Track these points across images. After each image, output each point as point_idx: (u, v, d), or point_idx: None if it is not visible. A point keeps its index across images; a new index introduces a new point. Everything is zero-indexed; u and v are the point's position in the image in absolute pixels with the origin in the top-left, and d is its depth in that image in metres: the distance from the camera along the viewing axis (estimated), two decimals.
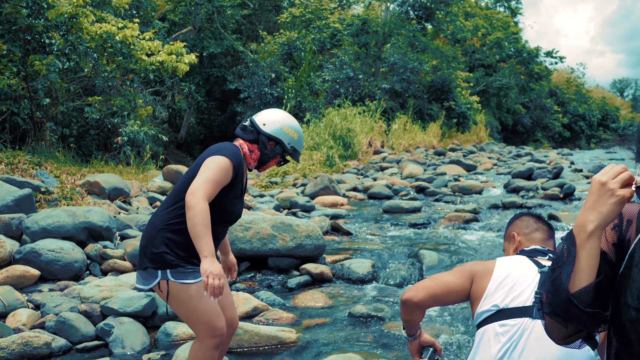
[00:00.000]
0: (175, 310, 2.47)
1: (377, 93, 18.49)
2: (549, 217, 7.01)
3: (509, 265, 1.99)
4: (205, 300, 2.37)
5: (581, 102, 40.43)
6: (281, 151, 2.66)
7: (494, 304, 1.87)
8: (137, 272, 2.48)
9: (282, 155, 2.70)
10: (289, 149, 2.65)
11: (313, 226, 5.19)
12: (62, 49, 8.98)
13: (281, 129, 2.62)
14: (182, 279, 2.37)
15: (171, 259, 2.36)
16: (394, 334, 3.64)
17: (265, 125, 2.61)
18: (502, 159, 16.96)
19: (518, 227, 2.27)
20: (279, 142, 2.63)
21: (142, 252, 2.44)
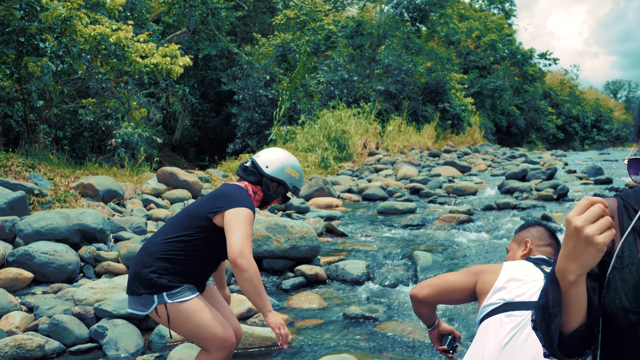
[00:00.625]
0: (180, 332, 2.50)
1: (371, 95, 18.53)
2: (543, 217, 7.05)
3: (517, 267, 2.10)
4: (207, 312, 2.43)
5: (575, 104, 40.67)
6: (284, 191, 2.76)
7: (501, 297, 1.96)
8: (130, 298, 2.51)
9: (284, 195, 2.80)
10: (291, 188, 2.76)
11: (307, 227, 5.19)
12: (55, 51, 8.96)
13: (284, 171, 2.71)
14: (180, 297, 2.41)
15: (166, 282, 2.41)
16: (388, 335, 3.65)
17: (268, 167, 2.70)
18: (497, 161, 17.02)
19: (533, 235, 2.36)
20: (282, 183, 2.73)
21: (134, 279, 2.46)
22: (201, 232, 2.50)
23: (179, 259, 2.45)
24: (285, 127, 16.05)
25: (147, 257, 2.48)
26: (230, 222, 2.42)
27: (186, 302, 2.42)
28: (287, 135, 15.57)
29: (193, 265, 2.51)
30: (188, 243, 2.49)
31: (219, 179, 11.21)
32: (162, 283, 2.40)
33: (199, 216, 2.51)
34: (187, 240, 2.48)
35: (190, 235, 2.49)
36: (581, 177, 11.36)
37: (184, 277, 2.47)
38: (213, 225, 2.50)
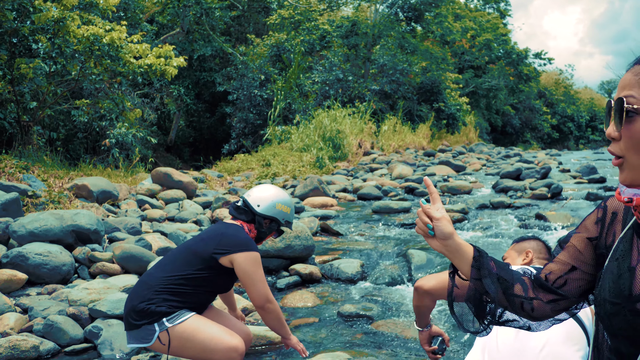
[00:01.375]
0: (186, 354, 2.53)
1: (366, 94, 18.55)
2: (537, 216, 7.08)
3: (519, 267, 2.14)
4: (210, 325, 2.53)
5: (570, 104, 40.79)
6: (277, 227, 2.88)
7: None
8: (129, 334, 2.56)
9: (278, 230, 2.93)
10: (284, 223, 2.88)
11: (302, 227, 5.20)
12: (48, 52, 8.93)
13: (275, 207, 2.82)
14: (179, 319, 2.50)
15: (165, 309, 2.49)
16: (383, 333, 3.66)
17: (259, 206, 2.80)
18: (491, 160, 17.07)
19: (534, 248, 2.48)
20: (274, 220, 2.84)
21: (132, 312, 2.52)
22: (204, 270, 2.61)
23: (181, 292, 2.55)
24: (280, 127, 16.05)
25: (145, 291, 2.54)
26: (247, 271, 2.60)
27: (186, 321, 2.50)
28: (282, 135, 15.57)
29: (194, 298, 2.60)
30: (191, 280, 2.58)
31: (214, 179, 11.21)
32: (161, 311, 2.48)
33: (203, 255, 2.62)
34: (191, 278, 2.58)
35: (193, 272, 2.59)
36: (575, 176, 11.41)
37: (184, 305, 2.55)
38: (218, 265, 2.62)
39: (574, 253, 1.24)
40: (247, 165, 13.06)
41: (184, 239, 5.53)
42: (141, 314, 2.48)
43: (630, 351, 1.06)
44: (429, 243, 1.31)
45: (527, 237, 2.55)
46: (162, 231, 5.92)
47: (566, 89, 42.15)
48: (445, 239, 1.27)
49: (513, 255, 2.50)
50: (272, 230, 2.89)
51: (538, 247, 2.46)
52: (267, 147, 15.00)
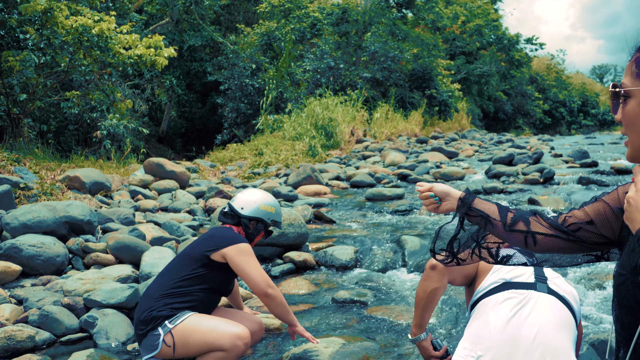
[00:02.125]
0: (191, 351, 2.58)
1: (358, 82, 18.51)
2: (529, 201, 7.13)
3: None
4: (210, 319, 2.63)
5: (561, 89, 40.87)
6: (263, 227, 2.99)
7: (501, 277, 2.05)
8: (140, 346, 2.66)
9: (265, 230, 3.04)
10: (270, 222, 3.00)
11: (295, 214, 5.21)
12: (37, 43, 8.85)
13: (259, 208, 2.95)
14: (180, 318, 2.59)
15: (167, 313, 2.60)
16: (377, 318, 3.69)
17: (243, 209, 2.94)
18: (484, 146, 17.12)
19: None
20: (260, 220, 2.96)
21: (138, 324, 2.64)
22: (200, 269, 2.73)
23: (180, 293, 2.65)
24: (272, 116, 16.02)
25: (148, 301, 2.66)
26: (238, 261, 2.70)
27: (186, 320, 2.59)
28: (274, 124, 15.54)
29: (194, 298, 2.68)
30: (188, 280, 2.70)
31: (207, 169, 11.19)
32: (163, 314, 2.59)
33: (196, 257, 2.75)
34: (188, 278, 2.70)
35: (190, 273, 2.72)
36: (567, 161, 11.48)
37: (184, 306, 2.65)
38: (211, 261, 2.74)
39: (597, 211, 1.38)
40: (239, 155, 13.05)
41: (178, 228, 5.54)
42: (145, 322, 2.59)
43: (630, 321, 1.11)
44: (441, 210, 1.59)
45: None
46: (155, 221, 5.92)
47: (558, 74, 42.21)
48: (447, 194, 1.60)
49: None
50: (260, 230, 3.00)
51: None
52: (260, 137, 14.98)
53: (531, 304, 1.94)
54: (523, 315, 1.91)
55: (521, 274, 2.06)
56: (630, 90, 1.15)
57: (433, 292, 2.06)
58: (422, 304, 2.08)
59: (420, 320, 2.14)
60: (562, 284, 2.13)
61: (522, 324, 1.88)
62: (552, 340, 1.86)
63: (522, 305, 1.93)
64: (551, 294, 2.02)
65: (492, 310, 1.96)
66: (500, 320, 1.91)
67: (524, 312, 1.91)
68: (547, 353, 1.83)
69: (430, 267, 2.06)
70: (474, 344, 1.93)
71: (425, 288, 2.07)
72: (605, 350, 2.75)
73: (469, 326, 2.02)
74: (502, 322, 1.90)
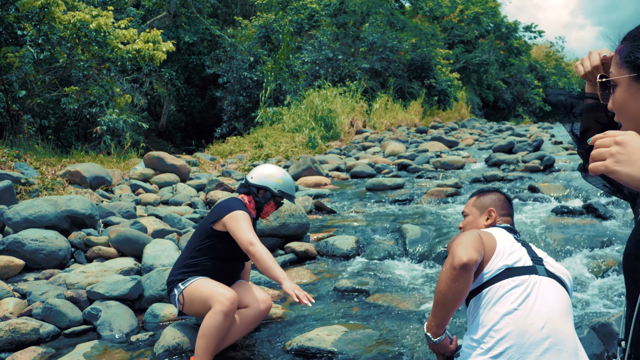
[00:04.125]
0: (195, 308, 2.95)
1: (357, 73, 18.47)
2: (530, 188, 7.14)
3: (502, 233, 2.18)
4: (211, 282, 2.96)
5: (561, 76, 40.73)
6: (270, 196, 3.17)
7: (504, 263, 2.02)
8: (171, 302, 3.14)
9: (275, 200, 3.21)
10: (277, 192, 3.16)
11: (296, 205, 5.22)
12: (35, 39, 8.83)
13: (265, 178, 3.16)
14: (189, 281, 2.98)
15: (180, 277, 3.04)
16: (379, 306, 3.72)
17: (252, 178, 3.20)
18: (484, 135, 17.10)
19: (496, 205, 2.46)
20: (267, 189, 3.15)
21: (166, 285, 3.15)
22: (207, 240, 3.07)
23: (192, 263, 3.04)
24: (271, 109, 16.00)
25: (173, 269, 3.13)
26: (232, 225, 2.95)
27: (193, 282, 2.97)
28: (273, 116, 15.52)
29: (203, 266, 3.05)
30: (198, 251, 3.07)
31: (207, 162, 11.20)
32: (178, 278, 3.03)
33: (203, 229, 3.09)
34: (198, 249, 3.07)
35: (199, 244, 3.08)
36: (567, 148, 11.47)
37: (195, 273, 3.04)
38: (215, 232, 3.05)
39: None
40: (239, 148, 13.05)
41: (179, 221, 5.55)
42: (169, 285, 3.09)
43: (632, 292, 1.15)
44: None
45: (487, 191, 2.51)
46: (156, 214, 5.94)
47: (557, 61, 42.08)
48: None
49: (475, 212, 2.47)
50: (267, 199, 3.17)
51: (500, 203, 2.44)
52: (259, 129, 14.97)
53: (535, 292, 1.94)
54: (529, 304, 1.91)
55: (519, 259, 2.06)
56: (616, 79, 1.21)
57: (464, 293, 1.94)
58: (451, 305, 1.95)
59: (444, 320, 2.02)
60: (554, 263, 2.15)
61: (529, 313, 1.88)
62: (560, 330, 1.87)
63: (528, 294, 1.93)
64: (550, 277, 2.04)
65: (498, 301, 1.96)
66: (508, 311, 1.91)
67: (529, 302, 1.91)
68: (556, 342, 1.84)
69: (461, 267, 1.88)
70: (482, 336, 1.92)
71: (456, 289, 1.91)
72: (605, 333, 2.77)
73: (475, 318, 2.01)
74: (510, 314, 1.90)
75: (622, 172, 1.02)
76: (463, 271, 1.90)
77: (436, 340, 2.08)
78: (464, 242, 1.97)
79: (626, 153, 1.03)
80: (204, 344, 2.76)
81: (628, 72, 1.18)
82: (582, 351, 1.89)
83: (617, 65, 1.22)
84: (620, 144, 1.04)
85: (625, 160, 1.03)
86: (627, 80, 1.18)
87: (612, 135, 1.08)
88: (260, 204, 3.18)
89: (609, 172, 1.05)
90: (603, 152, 1.06)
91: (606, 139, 1.07)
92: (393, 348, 2.99)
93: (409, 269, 4.62)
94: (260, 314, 3.10)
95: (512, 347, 1.85)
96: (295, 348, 2.98)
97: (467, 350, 1.97)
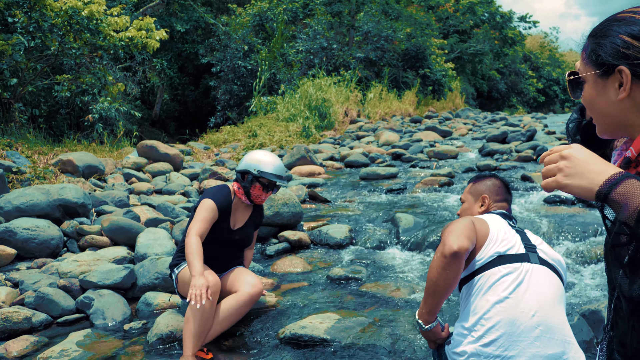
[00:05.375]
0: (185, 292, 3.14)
1: (351, 62, 18.41)
2: (523, 178, 7.16)
3: (496, 220, 2.17)
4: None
5: (555, 67, 40.82)
6: (252, 178, 3.21)
7: (496, 250, 2.01)
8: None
9: (259, 182, 3.22)
10: (257, 173, 3.18)
11: (289, 194, 5.22)
12: (25, 27, 8.73)
13: (248, 162, 3.23)
14: (181, 267, 3.17)
15: (173, 262, 3.23)
16: (372, 294, 3.73)
17: (238, 165, 3.30)
18: (478, 125, 17.12)
19: (490, 191, 2.43)
20: (248, 172, 3.21)
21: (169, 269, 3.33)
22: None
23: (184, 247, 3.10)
24: (265, 98, 15.93)
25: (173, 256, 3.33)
26: (196, 212, 3.10)
27: (184, 268, 3.13)
28: (267, 105, 15.47)
29: None
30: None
31: (201, 151, 11.16)
32: (174, 263, 3.23)
33: (190, 215, 3.22)
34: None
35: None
36: (560, 138, 11.51)
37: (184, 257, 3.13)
38: None
39: None
40: (233, 137, 13.00)
41: (172, 210, 5.54)
42: (170, 269, 3.26)
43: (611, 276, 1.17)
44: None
45: (483, 177, 2.50)
46: (150, 203, 5.92)
47: (551, 52, 42.13)
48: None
49: (470, 199, 2.48)
50: (250, 181, 3.21)
51: (495, 188, 2.43)
52: (253, 118, 14.92)
53: (527, 280, 1.94)
54: (520, 293, 1.91)
55: (512, 246, 2.06)
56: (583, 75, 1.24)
57: (454, 281, 1.94)
58: (442, 293, 1.95)
59: (435, 308, 2.03)
60: (548, 250, 2.14)
61: (519, 301, 1.89)
62: (550, 317, 1.88)
63: (519, 282, 1.93)
64: (543, 264, 2.04)
65: (489, 288, 1.96)
66: (499, 299, 1.91)
67: (521, 290, 1.91)
68: (546, 331, 1.85)
69: (452, 255, 1.88)
70: (473, 324, 1.93)
71: (447, 277, 1.91)
72: (595, 320, 2.79)
73: (467, 305, 2.01)
74: (501, 302, 1.90)
75: (574, 185, 1.05)
76: (454, 259, 1.89)
77: (427, 328, 2.08)
78: (455, 229, 1.97)
79: (573, 166, 1.06)
80: (187, 328, 2.82)
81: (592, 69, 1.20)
82: (572, 339, 1.90)
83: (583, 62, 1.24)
84: (566, 158, 1.07)
85: (573, 173, 1.06)
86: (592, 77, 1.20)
87: (558, 150, 1.10)
88: (246, 188, 3.23)
89: (560, 187, 1.07)
90: (552, 168, 1.09)
91: (552, 155, 1.10)
92: (385, 335, 3.00)
93: (402, 257, 4.63)
94: (251, 298, 3.09)
95: (502, 336, 1.85)
96: (288, 336, 2.99)
97: (458, 337, 1.98)
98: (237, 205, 3.31)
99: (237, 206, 3.30)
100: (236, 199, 3.29)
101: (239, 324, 3.23)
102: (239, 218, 3.32)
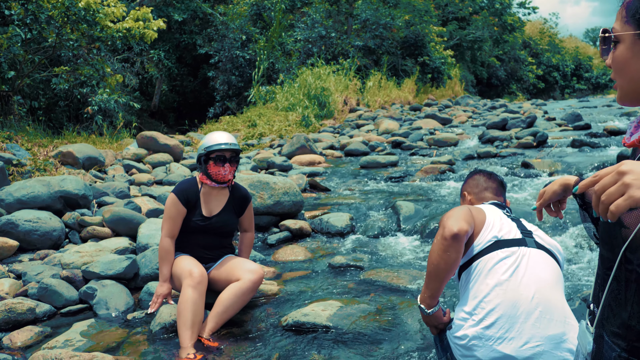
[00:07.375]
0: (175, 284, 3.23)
1: (350, 51, 18.34)
2: (523, 164, 7.16)
3: (491, 209, 2.22)
4: (181, 260, 3.19)
5: (555, 53, 40.60)
6: (204, 159, 3.25)
7: (494, 235, 2.06)
8: None
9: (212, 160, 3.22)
10: (203, 151, 3.23)
11: (290, 183, 5.23)
12: (22, 19, 8.69)
13: (199, 149, 3.29)
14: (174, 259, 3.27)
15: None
16: (373, 281, 3.74)
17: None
18: (477, 112, 17.08)
19: (470, 186, 2.53)
20: (200, 155, 3.28)
21: None
22: None
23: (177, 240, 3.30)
24: (264, 88, 15.89)
25: None
26: None
27: (175, 260, 3.24)
28: (266, 95, 15.43)
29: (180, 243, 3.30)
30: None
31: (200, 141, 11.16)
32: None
33: None
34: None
35: None
36: (560, 124, 11.49)
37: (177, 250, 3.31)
38: None
39: None
40: (232, 127, 12.99)
41: None
42: None
43: (609, 256, 1.17)
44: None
45: (466, 177, 2.59)
46: (150, 194, 5.93)
47: (551, 38, 41.89)
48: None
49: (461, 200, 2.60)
50: (203, 163, 3.25)
51: (473, 183, 2.51)
52: (252, 108, 14.89)
53: (525, 263, 1.97)
54: (519, 275, 1.94)
55: (509, 231, 2.08)
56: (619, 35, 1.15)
57: (455, 263, 1.96)
58: (443, 276, 1.97)
59: (437, 292, 2.04)
60: (544, 236, 2.17)
61: (519, 284, 1.91)
62: (549, 300, 1.90)
63: (517, 265, 1.96)
64: (540, 249, 2.06)
65: (488, 272, 1.98)
66: (498, 282, 1.93)
67: (519, 273, 1.94)
68: (546, 312, 1.88)
69: (452, 237, 1.91)
70: (473, 307, 1.95)
71: (448, 259, 1.93)
72: None
73: (466, 290, 2.04)
74: (500, 285, 1.93)
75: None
76: (454, 241, 1.92)
77: (429, 312, 2.10)
78: (454, 214, 2.01)
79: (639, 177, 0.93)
80: (180, 321, 2.87)
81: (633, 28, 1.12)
82: (572, 319, 1.92)
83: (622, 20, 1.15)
84: (627, 173, 0.94)
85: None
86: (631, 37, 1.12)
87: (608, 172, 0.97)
88: (204, 170, 3.27)
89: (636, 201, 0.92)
90: (613, 190, 0.94)
91: (607, 178, 0.96)
92: (387, 322, 3.02)
93: (403, 245, 4.65)
94: (253, 284, 3.10)
95: (502, 318, 1.88)
96: (290, 323, 3.01)
97: (458, 322, 2.00)
98: (209, 193, 3.32)
99: (208, 193, 3.31)
100: (204, 186, 3.31)
101: (242, 312, 3.24)
102: (214, 205, 3.32)
